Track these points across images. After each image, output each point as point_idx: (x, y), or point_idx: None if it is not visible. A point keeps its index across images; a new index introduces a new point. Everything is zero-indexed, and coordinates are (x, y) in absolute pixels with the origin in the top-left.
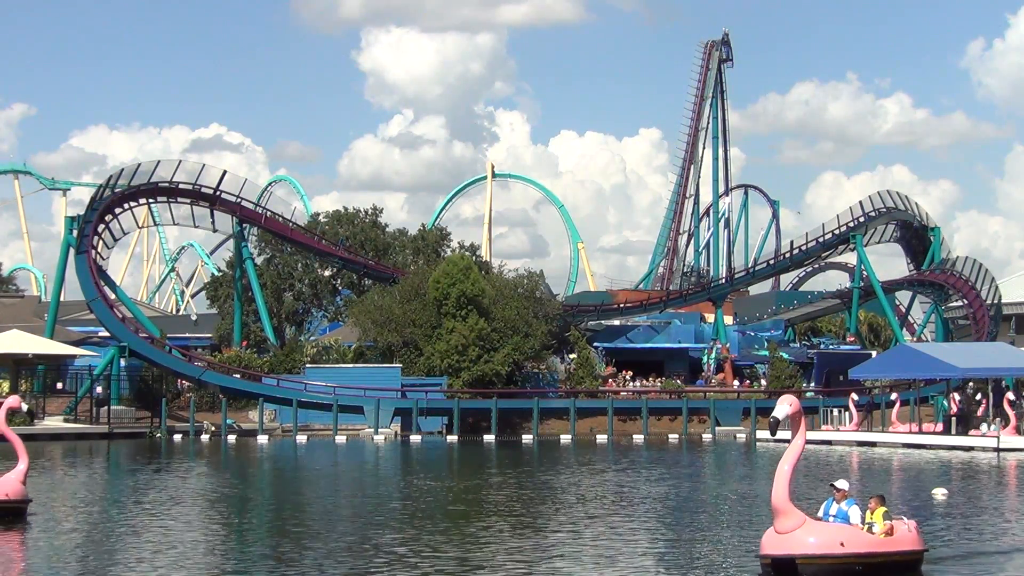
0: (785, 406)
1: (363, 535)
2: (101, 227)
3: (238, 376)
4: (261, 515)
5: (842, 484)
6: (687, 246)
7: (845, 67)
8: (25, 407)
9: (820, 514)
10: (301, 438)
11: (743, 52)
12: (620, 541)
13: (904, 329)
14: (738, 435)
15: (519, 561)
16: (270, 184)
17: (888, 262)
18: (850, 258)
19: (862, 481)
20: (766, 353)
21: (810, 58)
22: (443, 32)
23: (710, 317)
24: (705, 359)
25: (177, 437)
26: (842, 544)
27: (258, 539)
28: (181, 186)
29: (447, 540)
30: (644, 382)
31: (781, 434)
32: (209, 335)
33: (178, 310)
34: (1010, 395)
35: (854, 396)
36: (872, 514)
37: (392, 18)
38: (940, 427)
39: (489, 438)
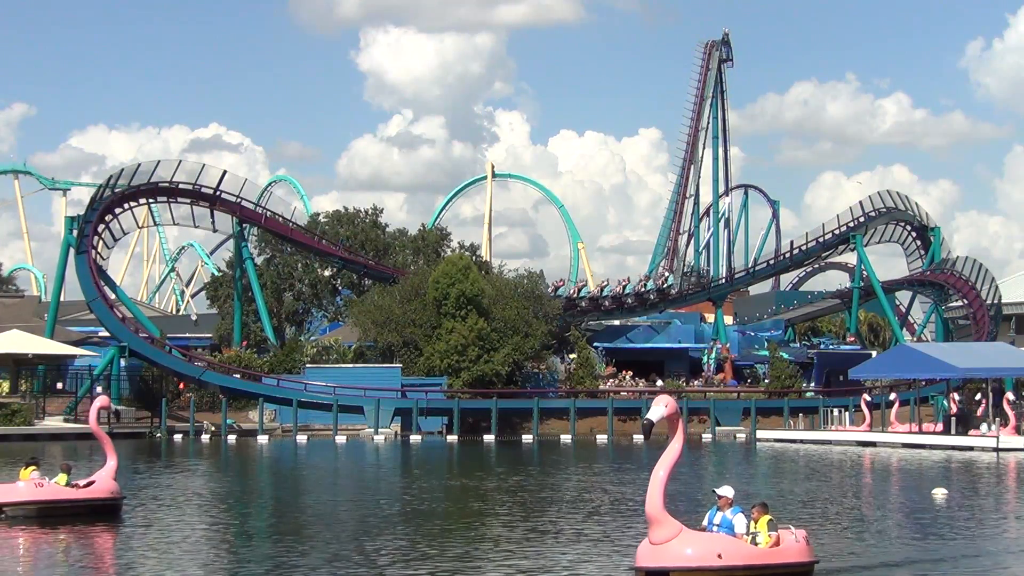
0: (660, 408)
1: (373, 536)
2: (101, 227)
3: (238, 376)
4: (291, 518)
5: (725, 491)
6: (687, 246)
7: (844, 67)
8: (112, 406)
9: (704, 523)
10: (301, 438)
11: (741, 52)
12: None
13: (904, 329)
14: (738, 435)
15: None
16: (270, 184)
17: (888, 262)
18: (850, 258)
19: (861, 481)
20: (766, 353)
21: (809, 58)
22: (441, 32)
23: (710, 317)
24: (705, 359)
25: (177, 437)
26: (720, 556)
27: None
28: (181, 186)
29: (446, 541)
30: (643, 382)
31: (786, 434)
32: (209, 335)
33: (178, 310)
34: (1010, 395)
35: (866, 396)
36: (756, 523)
37: (389, 18)
38: (940, 427)
39: (489, 438)
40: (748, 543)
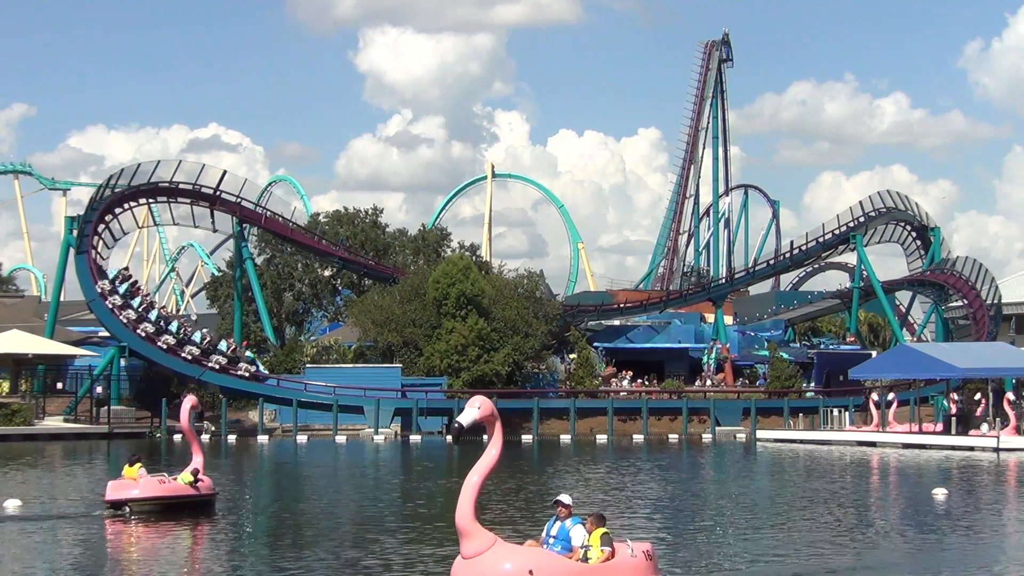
0: (473, 410)
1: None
2: (101, 227)
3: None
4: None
5: (565, 498)
6: (687, 246)
7: (843, 67)
8: (200, 406)
9: (543, 534)
10: (301, 438)
11: (740, 52)
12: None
13: (904, 329)
14: (738, 435)
15: None
16: (270, 184)
17: (888, 262)
18: (850, 258)
19: (861, 481)
20: (766, 353)
21: (807, 58)
22: (439, 32)
23: (710, 317)
24: (705, 359)
25: (177, 437)
26: (531, 572)
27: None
28: (181, 186)
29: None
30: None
31: (786, 434)
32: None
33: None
34: (1010, 395)
35: (874, 396)
36: (590, 536)
37: (387, 18)
38: (940, 427)
39: None
40: (579, 558)
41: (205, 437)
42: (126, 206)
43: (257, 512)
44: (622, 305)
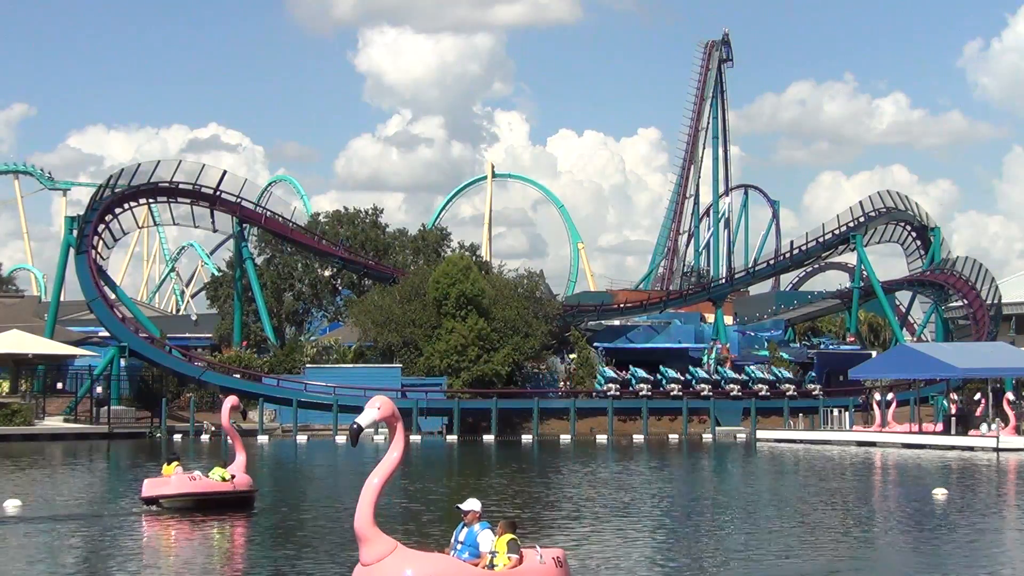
0: (373, 410)
1: None
2: (101, 227)
3: (238, 376)
4: None
5: (470, 504)
6: (687, 246)
7: (842, 67)
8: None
9: (452, 540)
10: (301, 438)
11: (740, 52)
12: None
13: (904, 329)
14: (738, 435)
15: None
16: (270, 184)
17: (888, 262)
18: (850, 258)
19: (861, 481)
20: (766, 353)
21: (807, 58)
22: (438, 32)
23: (710, 317)
24: (705, 359)
25: (177, 437)
26: None
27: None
28: (181, 186)
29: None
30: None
31: (786, 434)
32: (209, 335)
33: (178, 310)
34: (1010, 395)
35: (877, 396)
36: (497, 542)
37: (385, 18)
38: (940, 427)
39: (489, 438)
40: (486, 564)
41: (205, 437)
42: (126, 206)
43: (298, 510)
44: (622, 305)
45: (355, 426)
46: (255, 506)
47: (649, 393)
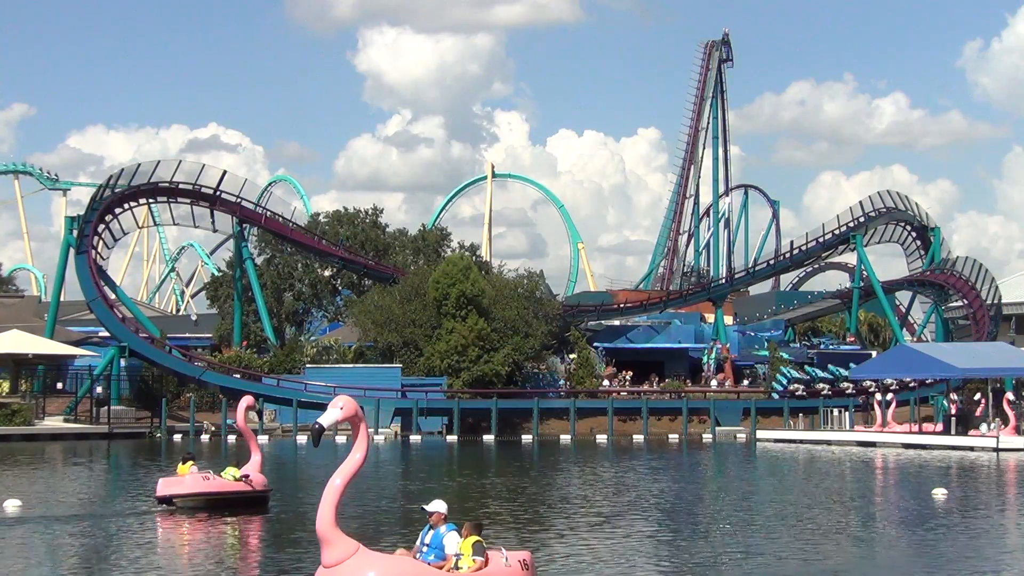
0: (335, 410)
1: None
2: (101, 227)
3: (238, 376)
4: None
5: (435, 506)
6: (687, 246)
7: (842, 67)
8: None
9: (418, 542)
10: (301, 438)
11: (740, 52)
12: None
13: (904, 329)
14: (738, 435)
15: None
16: (270, 184)
17: (888, 262)
18: (850, 258)
19: (861, 481)
20: (766, 353)
21: (807, 58)
22: (437, 32)
23: (710, 317)
24: (705, 359)
25: (177, 437)
26: None
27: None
28: (181, 186)
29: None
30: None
31: (786, 434)
32: (209, 335)
33: (178, 310)
34: (1010, 395)
35: (878, 396)
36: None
37: (385, 18)
38: (940, 427)
39: (489, 438)
40: (451, 566)
41: (205, 437)
42: (126, 206)
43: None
44: (622, 305)
45: (317, 426)
46: (269, 506)
47: (829, 393)
